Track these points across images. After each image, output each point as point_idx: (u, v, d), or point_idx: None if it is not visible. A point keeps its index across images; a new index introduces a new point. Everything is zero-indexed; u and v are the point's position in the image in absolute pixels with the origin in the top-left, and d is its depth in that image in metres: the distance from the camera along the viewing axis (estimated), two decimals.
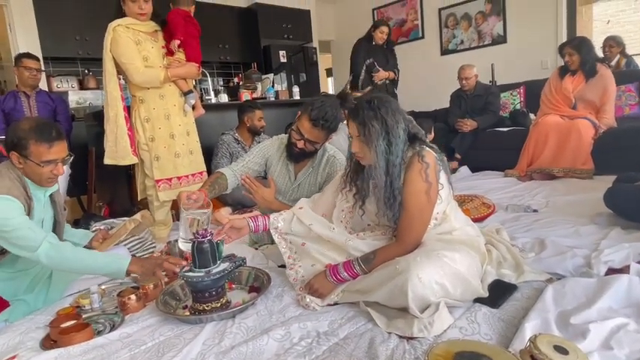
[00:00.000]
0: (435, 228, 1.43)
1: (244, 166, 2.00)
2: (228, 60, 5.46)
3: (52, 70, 4.43)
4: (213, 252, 1.45)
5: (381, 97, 1.38)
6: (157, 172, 2.38)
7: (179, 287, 1.61)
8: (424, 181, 1.31)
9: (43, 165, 1.49)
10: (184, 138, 2.46)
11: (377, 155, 1.33)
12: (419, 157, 1.33)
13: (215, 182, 1.88)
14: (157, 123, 2.36)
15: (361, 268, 1.37)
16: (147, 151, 2.37)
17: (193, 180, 2.48)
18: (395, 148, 1.33)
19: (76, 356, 1.23)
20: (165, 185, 2.41)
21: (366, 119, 1.33)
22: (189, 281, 1.43)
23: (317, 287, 1.41)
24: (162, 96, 2.37)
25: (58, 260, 1.45)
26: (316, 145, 1.84)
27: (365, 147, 1.37)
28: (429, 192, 1.33)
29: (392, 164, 1.33)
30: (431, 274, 1.22)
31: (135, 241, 2.16)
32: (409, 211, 1.35)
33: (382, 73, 4.01)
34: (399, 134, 1.33)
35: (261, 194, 1.93)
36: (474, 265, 1.36)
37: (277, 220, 1.61)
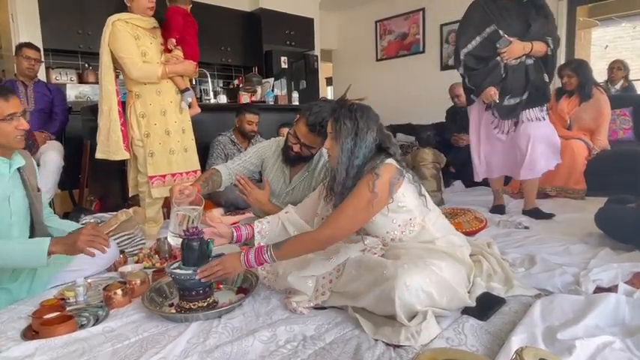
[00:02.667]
0: (415, 237, 1.45)
1: (240, 165, 2.00)
2: (230, 62, 5.47)
3: (52, 62, 4.41)
4: (203, 250, 1.44)
5: (364, 105, 1.44)
6: (150, 168, 2.36)
7: (166, 285, 1.60)
8: (369, 191, 1.34)
9: (6, 120, 1.49)
10: (179, 135, 2.45)
11: (341, 151, 1.39)
12: (374, 168, 1.37)
13: (209, 178, 1.88)
14: (152, 119, 2.35)
15: (270, 255, 1.36)
16: (141, 147, 2.36)
17: (187, 178, 2.47)
18: (359, 150, 1.39)
19: (57, 348, 1.21)
20: (158, 182, 2.39)
21: (341, 117, 1.40)
22: (176, 278, 1.42)
23: (226, 265, 1.39)
24: (159, 92, 2.36)
25: None
26: (312, 149, 1.85)
27: (334, 143, 1.42)
28: (371, 202, 1.34)
29: (351, 164, 1.39)
30: (418, 282, 1.22)
31: (125, 236, 2.14)
32: (342, 208, 1.37)
33: (516, 46, 2.30)
34: (367, 139, 1.39)
35: (254, 196, 1.93)
36: (460, 274, 1.37)
37: (262, 224, 1.63)
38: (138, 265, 1.91)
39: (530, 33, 2.33)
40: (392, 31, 6.09)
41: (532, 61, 2.39)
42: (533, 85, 2.38)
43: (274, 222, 1.64)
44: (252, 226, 1.62)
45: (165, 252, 2.02)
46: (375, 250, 1.45)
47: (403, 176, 1.41)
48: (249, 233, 1.62)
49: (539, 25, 2.34)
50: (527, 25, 2.34)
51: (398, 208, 1.41)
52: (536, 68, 2.40)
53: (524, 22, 2.35)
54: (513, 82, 2.39)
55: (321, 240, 1.36)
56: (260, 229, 1.61)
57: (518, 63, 2.38)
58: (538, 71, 2.40)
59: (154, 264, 1.94)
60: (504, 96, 2.42)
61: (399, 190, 1.39)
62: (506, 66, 2.38)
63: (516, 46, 2.32)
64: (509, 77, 2.39)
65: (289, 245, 1.38)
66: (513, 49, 2.32)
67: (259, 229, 1.61)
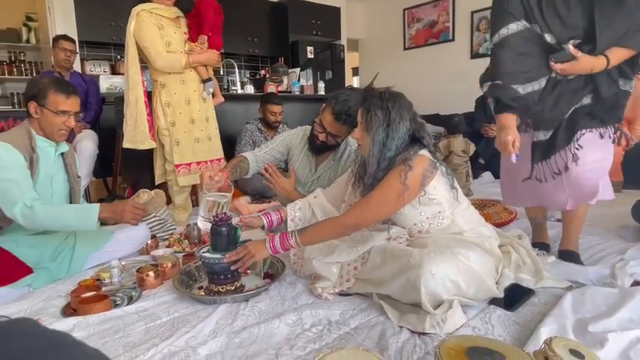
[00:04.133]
0: (443, 229, 1.43)
1: (267, 153, 2.02)
2: (256, 53, 5.51)
3: (87, 53, 4.56)
4: (231, 236, 1.47)
5: (395, 92, 1.39)
6: (176, 156, 2.41)
7: (195, 268, 1.65)
8: (400, 182, 1.31)
9: (58, 114, 1.58)
10: (203, 124, 2.49)
11: (373, 143, 1.36)
12: (406, 159, 1.34)
13: (237, 165, 1.92)
14: (177, 108, 2.40)
15: (295, 240, 1.39)
16: (167, 136, 2.41)
17: (212, 166, 2.51)
18: (391, 142, 1.35)
19: (94, 325, 1.27)
20: (184, 170, 2.44)
21: (372, 107, 1.36)
22: (205, 262, 1.46)
23: (251, 249, 1.43)
24: (183, 81, 2.40)
25: (31, 220, 1.48)
26: (337, 138, 1.85)
27: (365, 134, 1.39)
28: (401, 194, 1.32)
29: (384, 157, 1.36)
30: (444, 271, 1.21)
31: (156, 222, 2.22)
32: (371, 197, 1.36)
33: (583, 64, 1.44)
34: (400, 130, 1.35)
35: (281, 184, 1.95)
36: (488, 264, 1.35)
37: (294, 210, 1.64)
38: (169, 249, 1.97)
39: (605, 37, 1.41)
40: (420, 18, 5.97)
41: None
42: (597, 96, 1.51)
43: (305, 208, 1.65)
44: (281, 213, 1.64)
45: (195, 237, 2.08)
46: (401, 240, 1.45)
47: (436, 169, 1.38)
48: (280, 219, 1.64)
49: (622, 18, 1.39)
50: (591, 18, 1.41)
51: (429, 200, 1.39)
52: (610, 74, 1.48)
53: (588, 14, 1.42)
54: (563, 99, 1.52)
55: (346, 226, 1.37)
56: (293, 217, 1.63)
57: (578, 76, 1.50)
58: (611, 80, 1.49)
59: (183, 248, 2.01)
60: (539, 127, 1.57)
61: (431, 182, 1.37)
62: (554, 79, 1.50)
63: (584, 64, 1.43)
64: (556, 94, 1.51)
65: (314, 230, 1.39)
66: (578, 67, 1.44)
67: (292, 217, 1.63)
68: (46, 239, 1.67)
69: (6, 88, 4.85)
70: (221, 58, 2.59)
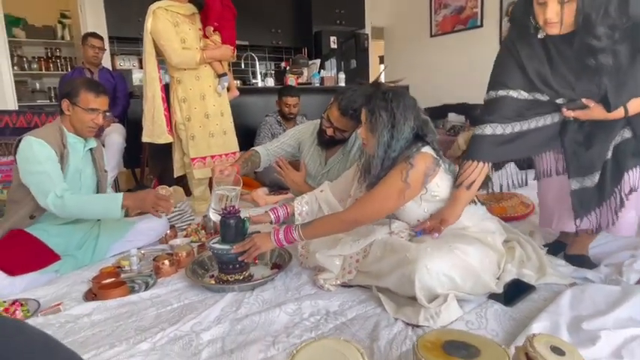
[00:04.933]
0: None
1: (278, 147, 2.08)
2: (280, 44, 5.56)
3: (117, 49, 4.75)
4: (239, 228, 1.55)
5: (399, 92, 1.41)
6: (192, 150, 2.50)
7: (207, 258, 1.74)
8: (402, 180, 1.33)
9: (88, 112, 1.70)
10: (218, 118, 2.56)
11: (378, 145, 1.38)
12: (409, 157, 1.35)
13: (249, 159, 1.99)
14: (193, 103, 2.47)
15: (299, 234, 1.43)
16: (184, 130, 2.49)
17: (226, 159, 2.59)
18: (396, 143, 1.37)
19: (111, 309, 1.39)
20: (200, 163, 2.53)
21: (376, 108, 1.38)
22: (215, 252, 1.54)
23: (257, 241, 1.48)
24: (198, 77, 2.46)
25: (61, 209, 1.59)
26: (345, 133, 1.88)
27: (370, 135, 1.42)
28: (403, 192, 1.34)
29: (388, 157, 1.38)
30: (439, 266, 1.24)
31: (176, 212, 2.33)
32: (372, 194, 1.39)
33: (595, 111, 1.40)
34: (404, 131, 1.37)
35: (291, 177, 2.01)
36: (488, 260, 1.36)
37: (301, 205, 1.70)
38: (186, 239, 2.08)
39: (620, 97, 1.34)
40: (447, 4, 5.82)
41: None
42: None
43: (312, 202, 1.71)
44: (288, 208, 1.71)
45: (211, 228, 2.17)
46: (403, 235, 1.48)
47: (439, 166, 1.40)
48: (287, 213, 1.71)
49: (635, 76, 1.30)
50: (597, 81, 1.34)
51: (431, 197, 1.42)
52: None
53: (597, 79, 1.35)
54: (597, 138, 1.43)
55: (347, 222, 1.41)
56: (300, 211, 1.68)
57: None
58: None
59: (200, 239, 2.10)
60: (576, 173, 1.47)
61: (433, 180, 1.39)
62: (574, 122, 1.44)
63: (597, 112, 1.39)
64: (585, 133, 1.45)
65: (316, 225, 1.45)
66: (591, 114, 1.40)
67: (299, 211, 1.68)
68: (73, 229, 1.80)
69: (43, 84, 5.14)
70: (235, 51, 2.64)
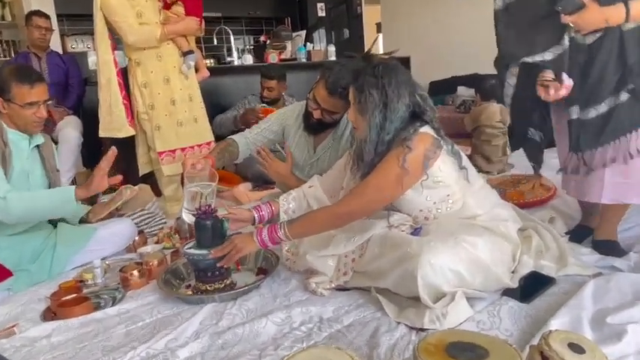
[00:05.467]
0: (453, 214, 1.47)
1: (259, 134, 2.10)
2: (259, 15, 5.55)
3: (67, 29, 4.71)
4: (217, 230, 1.56)
5: (391, 65, 1.42)
6: (158, 143, 2.50)
7: (183, 266, 1.76)
8: (399, 166, 1.36)
9: (25, 107, 1.70)
10: (187, 104, 2.56)
11: (370, 128, 1.40)
12: (405, 139, 1.37)
13: (225, 150, 2.00)
14: (155, 88, 2.46)
15: (284, 232, 1.45)
16: (147, 120, 2.48)
17: (199, 151, 2.59)
18: (389, 124, 1.39)
19: (74, 329, 1.41)
20: (168, 158, 2.53)
21: (365, 86, 1.40)
22: (190, 259, 1.57)
23: (237, 243, 1.51)
24: (159, 57, 2.45)
25: (6, 212, 1.60)
26: (334, 115, 1.90)
27: (360, 117, 1.44)
28: (400, 178, 1.37)
29: (381, 141, 1.40)
30: (444, 260, 1.27)
31: (144, 215, 2.35)
32: (366, 183, 1.41)
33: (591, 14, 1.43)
34: (398, 110, 1.39)
35: (275, 168, 2.02)
36: (500, 251, 1.40)
37: (288, 201, 1.72)
38: (157, 245, 2.10)
39: None
40: None
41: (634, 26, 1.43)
42: None
43: (300, 198, 1.73)
44: (273, 205, 1.72)
45: (186, 231, 2.19)
46: (403, 228, 1.51)
47: (441, 147, 1.42)
48: (272, 212, 1.72)
49: None
50: None
51: (434, 184, 1.44)
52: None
53: None
54: (592, 73, 1.50)
55: (339, 216, 1.44)
56: (286, 209, 1.70)
57: (598, 38, 1.47)
58: None
59: (174, 244, 2.12)
60: (577, 104, 1.54)
61: (435, 163, 1.41)
62: (575, 42, 1.50)
63: (595, 13, 1.42)
64: (580, 64, 1.51)
65: (304, 221, 1.47)
66: (587, 18, 1.44)
67: (285, 209, 1.70)
68: (25, 239, 1.81)
69: None
70: (203, 24, 2.62)
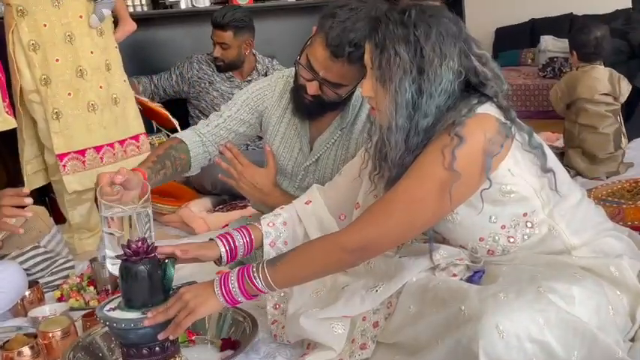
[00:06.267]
0: (534, 246, 1.49)
1: (220, 128, 2.11)
2: None
3: None
4: (156, 279, 1.56)
5: (428, 7, 1.43)
6: (58, 140, 2.49)
7: (101, 338, 1.76)
8: (443, 167, 1.36)
9: None
10: (102, 75, 2.58)
11: (395, 108, 1.40)
12: (454, 124, 1.37)
13: (166, 156, 2.00)
14: (51, 51, 2.47)
15: (265, 280, 1.44)
16: (39, 103, 2.49)
17: (123, 152, 2.62)
18: (427, 102, 1.39)
19: None
20: (74, 163, 2.53)
21: (388, 40, 1.40)
22: (114, 327, 1.56)
23: (188, 298, 1.47)
24: (57, 3, 2.46)
25: None
26: (340, 90, 1.90)
27: (380, 91, 1.44)
28: (447, 186, 1.37)
29: (414, 129, 1.41)
30: (521, 324, 1.27)
31: (39, 256, 2.35)
32: (393, 196, 1.43)
33: None
34: (441, 78, 1.39)
35: (249, 179, 2.03)
36: (611, 307, 1.40)
37: (276, 227, 1.73)
38: (60, 304, 2.12)
39: None
40: None
41: None
42: None
43: (293, 221, 1.74)
44: (252, 232, 1.72)
45: (106, 281, 2.21)
46: (456, 270, 1.52)
47: (512, 137, 1.43)
48: (250, 243, 1.72)
49: None
50: None
51: (501, 196, 1.45)
52: None
53: None
54: None
55: (350, 251, 1.43)
56: (273, 239, 1.71)
57: None
58: None
59: (87, 302, 2.14)
60: None
61: (502, 163, 1.42)
62: None
63: None
64: None
65: (295, 259, 1.48)
66: None
67: (271, 239, 1.71)
68: None
69: None
70: None
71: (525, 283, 1.36)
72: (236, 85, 3.58)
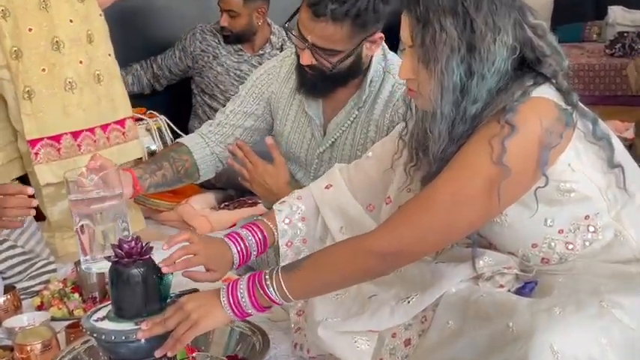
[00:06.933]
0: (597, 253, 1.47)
1: (227, 123, 2.16)
2: None
3: None
4: (151, 285, 1.56)
5: None
6: (30, 123, 2.50)
7: (87, 353, 1.77)
8: (490, 159, 1.34)
9: None
10: (82, 48, 2.59)
11: (441, 91, 1.38)
12: (504, 110, 1.35)
13: (163, 157, 2.07)
14: (24, 18, 2.46)
15: (280, 289, 1.43)
16: (9, 80, 2.49)
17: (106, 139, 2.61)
18: (478, 84, 1.37)
19: None
20: (48, 151, 2.53)
21: (432, 13, 1.38)
22: (102, 341, 1.56)
23: (190, 309, 1.46)
24: None
25: None
26: (333, 57, 1.92)
27: (423, 70, 1.43)
28: (495, 183, 1.34)
29: (460, 116, 1.39)
30: (580, 344, 1.25)
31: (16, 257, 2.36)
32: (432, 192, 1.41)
33: None
34: (495, 56, 1.37)
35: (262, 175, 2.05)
36: None
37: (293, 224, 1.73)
38: (40, 313, 2.11)
39: None
40: None
41: None
42: None
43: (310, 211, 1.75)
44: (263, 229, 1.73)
45: (93, 287, 2.21)
46: (503, 280, 1.50)
47: (573, 125, 1.41)
48: (262, 241, 1.73)
49: None
50: None
51: (560, 195, 1.43)
52: None
53: None
54: None
55: (381, 255, 1.42)
56: (290, 237, 1.71)
57: None
58: None
59: (71, 311, 2.14)
60: None
61: (561, 157, 1.41)
62: None
63: None
64: None
65: (315, 265, 1.47)
66: None
67: (288, 239, 1.71)
68: None
69: None
70: None
71: (585, 296, 1.34)
72: (245, 59, 3.59)
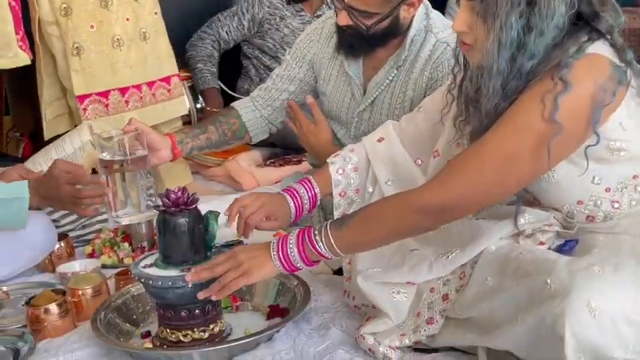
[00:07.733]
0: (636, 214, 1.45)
1: (270, 89, 2.19)
2: None
3: None
4: (197, 235, 1.59)
5: None
6: (78, 79, 2.50)
7: (134, 298, 1.81)
8: (541, 116, 1.32)
9: None
10: (129, 6, 2.59)
11: (498, 46, 1.36)
12: (559, 66, 1.32)
13: (210, 121, 2.12)
14: None
15: (327, 242, 1.44)
16: (58, 37, 2.49)
17: (152, 96, 2.64)
18: (536, 39, 1.34)
19: None
20: (96, 107, 2.55)
21: None
22: (150, 286, 1.59)
23: (242, 258, 1.49)
24: None
25: None
26: (369, 20, 1.92)
27: (480, 25, 1.41)
28: (545, 140, 1.32)
29: (515, 71, 1.37)
30: (618, 303, 1.24)
31: None
32: (481, 148, 1.40)
33: None
34: (555, 10, 1.33)
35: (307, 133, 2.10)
36: None
37: (346, 175, 1.76)
38: (91, 260, 2.17)
39: None
40: None
41: None
42: None
43: (362, 165, 1.76)
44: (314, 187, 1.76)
45: (142, 237, 2.26)
46: (543, 237, 1.49)
47: (626, 83, 1.39)
48: (315, 195, 1.76)
49: None
50: None
51: (609, 154, 1.42)
52: None
53: None
54: None
55: (428, 210, 1.43)
56: (343, 189, 1.73)
57: None
58: None
59: (121, 259, 2.18)
60: None
61: (613, 115, 1.39)
62: None
63: None
64: None
65: (363, 221, 1.48)
66: None
67: (341, 189, 1.73)
68: None
69: None
70: None
71: (626, 255, 1.34)
72: (306, 20, 3.55)
